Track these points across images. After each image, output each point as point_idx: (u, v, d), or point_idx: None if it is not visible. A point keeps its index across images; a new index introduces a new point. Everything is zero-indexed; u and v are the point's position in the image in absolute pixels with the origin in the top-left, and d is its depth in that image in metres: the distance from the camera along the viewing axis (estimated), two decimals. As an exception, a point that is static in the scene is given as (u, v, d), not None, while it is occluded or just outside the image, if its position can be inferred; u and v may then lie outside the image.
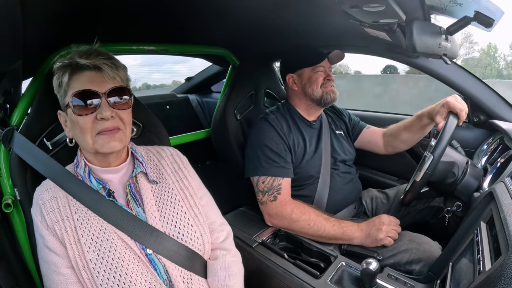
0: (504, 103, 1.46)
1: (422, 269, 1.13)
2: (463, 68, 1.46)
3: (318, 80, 1.45)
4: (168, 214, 0.89)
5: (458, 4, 0.84)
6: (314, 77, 1.45)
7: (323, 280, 1.02)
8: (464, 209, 1.15)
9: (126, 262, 0.78)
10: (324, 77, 1.45)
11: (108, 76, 0.81)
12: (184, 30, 1.45)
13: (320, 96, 1.45)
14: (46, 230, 0.79)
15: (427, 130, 1.42)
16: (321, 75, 1.45)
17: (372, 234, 1.20)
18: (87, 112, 0.79)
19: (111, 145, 0.81)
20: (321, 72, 1.46)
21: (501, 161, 1.17)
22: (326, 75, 1.46)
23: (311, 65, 1.45)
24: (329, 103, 1.47)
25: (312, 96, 1.46)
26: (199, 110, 2.65)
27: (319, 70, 1.45)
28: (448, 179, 1.14)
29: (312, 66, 1.45)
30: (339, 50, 1.46)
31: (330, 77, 1.47)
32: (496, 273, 0.61)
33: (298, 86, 1.50)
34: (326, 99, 1.45)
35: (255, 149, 1.38)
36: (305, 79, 1.47)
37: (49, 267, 0.78)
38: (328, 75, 1.46)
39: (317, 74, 1.45)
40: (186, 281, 0.85)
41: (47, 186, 0.85)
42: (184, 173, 0.99)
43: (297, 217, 1.25)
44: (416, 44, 0.95)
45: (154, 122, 1.22)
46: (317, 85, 1.45)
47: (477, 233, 0.85)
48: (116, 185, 0.89)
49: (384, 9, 0.85)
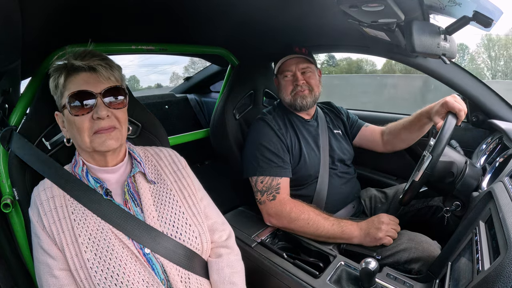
0: (503, 102, 1.47)
1: (421, 268, 1.13)
2: (462, 68, 1.47)
3: (286, 86, 1.45)
4: (166, 214, 0.89)
5: (457, 4, 0.84)
6: (282, 84, 1.47)
7: (322, 280, 1.02)
8: (463, 208, 1.15)
9: (123, 261, 0.78)
10: (293, 82, 1.44)
11: (103, 77, 0.83)
12: (183, 30, 1.45)
13: (289, 103, 1.46)
14: (42, 231, 0.80)
15: (426, 129, 1.42)
16: (288, 81, 1.45)
17: (371, 233, 1.21)
18: (83, 112, 0.81)
19: (108, 144, 0.82)
20: (288, 77, 1.45)
21: (500, 160, 1.18)
22: (294, 79, 1.44)
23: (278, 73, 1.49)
24: (300, 109, 1.46)
25: (284, 101, 1.49)
26: (198, 110, 2.65)
27: (286, 75, 1.46)
28: (447, 179, 1.14)
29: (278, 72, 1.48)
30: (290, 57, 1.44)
31: (298, 81, 1.43)
32: (495, 272, 0.61)
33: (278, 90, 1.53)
34: (295, 105, 1.45)
35: (253, 149, 1.38)
36: (278, 85, 1.50)
37: (42, 268, 0.79)
38: (296, 80, 1.43)
39: (285, 80, 1.46)
40: (184, 280, 0.85)
41: (44, 186, 0.85)
42: (183, 174, 1.00)
43: (296, 216, 1.25)
44: (415, 44, 0.95)
45: (153, 121, 1.22)
46: (286, 91, 1.45)
47: (476, 232, 0.85)
48: (113, 185, 0.90)
49: (383, 9, 0.86)
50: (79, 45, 0.89)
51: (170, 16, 1.21)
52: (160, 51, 1.57)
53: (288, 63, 1.45)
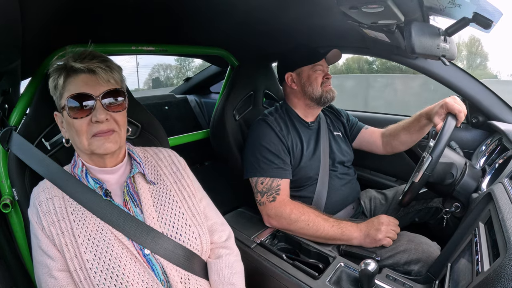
0: (503, 104, 1.47)
1: (421, 270, 1.13)
2: (461, 69, 1.47)
3: (318, 79, 1.45)
4: (166, 214, 0.89)
5: (457, 5, 0.84)
6: (313, 76, 1.45)
7: (321, 281, 1.02)
8: (463, 210, 1.15)
9: (123, 262, 0.78)
10: (323, 76, 1.46)
11: (102, 79, 0.82)
12: (183, 31, 1.45)
13: (320, 95, 1.45)
14: (41, 231, 0.79)
15: (425, 130, 1.42)
16: (320, 74, 1.45)
17: (371, 234, 1.20)
18: (82, 115, 0.80)
19: (106, 147, 0.82)
20: (320, 71, 1.46)
21: (500, 162, 1.18)
22: (324, 74, 1.47)
23: (310, 63, 1.45)
24: (328, 102, 1.47)
25: (311, 95, 1.46)
26: (198, 111, 2.65)
27: (318, 69, 1.46)
28: (446, 180, 1.15)
29: (311, 64, 1.45)
30: (337, 50, 1.46)
31: (329, 76, 1.47)
32: (495, 273, 0.61)
33: (298, 85, 1.49)
34: (326, 98, 1.45)
35: (254, 150, 1.38)
36: (304, 78, 1.47)
37: (41, 268, 0.79)
38: (326, 74, 1.47)
39: (316, 73, 1.45)
40: (184, 281, 0.85)
41: (44, 186, 0.85)
42: (183, 174, 1.00)
43: (296, 217, 1.25)
44: (415, 45, 0.95)
45: (153, 122, 1.22)
46: (317, 83, 1.45)
47: (475, 233, 0.85)
48: (113, 185, 0.89)
49: (383, 10, 0.86)
50: (79, 45, 0.89)
51: (170, 16, 1.22)
52: (160, 52, 1.58)
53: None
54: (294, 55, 1.52)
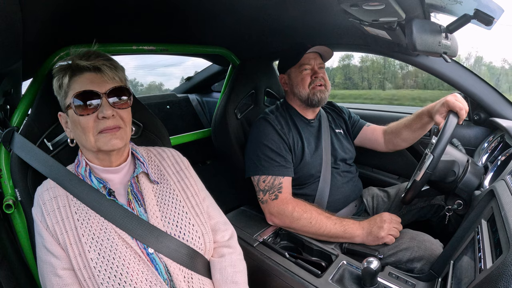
0: (505, 101, 1.46)
1: (423, 267, 1.13)
2: (463, 66, 1.46)
3: (305, 79, 1.44)
4: (170, 214, 0.89)
5: (458, 2, 0.84)
6: (299, 77, 1.45)
7: (324, 279, 1.02)
8: (465, 207, 1.14)
9: (127, 261, 0.79)
10: (312, 75, 1.44)
11: (108, 77, 0.83)
12: (184, 30, 1.45)
13: (306, 97, 1.44)
14: (46, 230, 0.80)
15: (427, 128, 1.42)
16: (307, 74, 1.45)
17: (374, 232, 1.21)
18: (89, 112, 0.81)
19: (113, 143, 0.83)
20: (307, 70, 1.45)
21: (502, 159, 1.17)
22: (313, 73, 1.45)
23: (294, 64, 1.45)
24: (317, 103, 1.45)
25: (299, 96, 1.47)
26: (200, 110, 2.65)
27: (304, 68, 1.45)
28: (449, 178, 1.14)
29: (295, 64, 1.45)
30: (324, 46, 1.44)
31: (317, 74, 1.45)
32: (497, 271, 0.61)
33: (288, 87, 1.51)
34: (312, 100, 1.44)
35: (255, 148, 1.38)
36: (292, 79, 1.48)
37: (46, 267, 0.79)
38: (315, 73, 1.45)
39: (303, 73, 1.45)
40: (187, 280, 0.85)
41: (48, 186, 0.86)
42: (186, 174, 1.00)
43: (299, 215, 1.25)
44: (416, 42, 0.95)
45: (155, 122, 1.22)
46: (303, 84, 1.44)
47: (478, 231, 0.85)
48: (116, 185, 0.90)
49: (384, 7, 0.85)
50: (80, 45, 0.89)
51: (171, 16, 1.21)
52: (161, 51, 1.57)
53: (307, 57, 1.45)
54: (284, 56, 1.53)
